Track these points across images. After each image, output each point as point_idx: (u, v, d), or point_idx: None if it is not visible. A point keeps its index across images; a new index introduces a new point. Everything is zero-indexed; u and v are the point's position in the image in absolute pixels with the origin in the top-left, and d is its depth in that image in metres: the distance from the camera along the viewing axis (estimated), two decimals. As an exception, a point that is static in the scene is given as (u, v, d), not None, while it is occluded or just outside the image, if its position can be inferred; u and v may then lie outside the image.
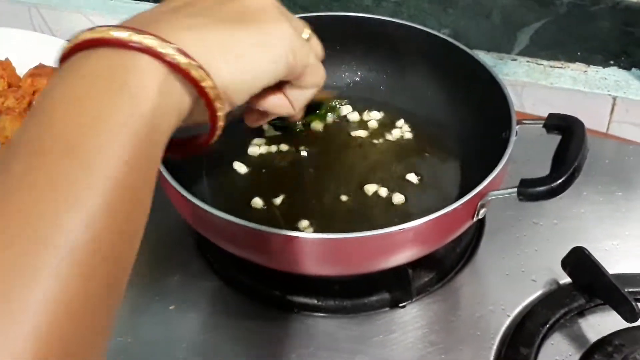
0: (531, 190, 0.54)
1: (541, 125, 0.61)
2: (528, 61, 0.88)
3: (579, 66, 0.86)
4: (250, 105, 0.46)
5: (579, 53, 0.88)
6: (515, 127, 0.60)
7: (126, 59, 0.33)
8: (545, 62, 0.87)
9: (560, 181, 0.54)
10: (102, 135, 0.30)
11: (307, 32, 0.47)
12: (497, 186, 0.58)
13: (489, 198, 0.56)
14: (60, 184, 0.28)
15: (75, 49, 0.34)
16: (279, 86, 0.45)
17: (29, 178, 0.28)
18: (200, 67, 0.35)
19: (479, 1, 0.97)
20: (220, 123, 0.39)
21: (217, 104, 0.37)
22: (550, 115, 0.61)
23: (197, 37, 0.36)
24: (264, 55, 0.39)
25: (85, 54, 0.33)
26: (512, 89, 0.86)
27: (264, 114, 0.49)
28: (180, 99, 0.35)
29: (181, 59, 0.34)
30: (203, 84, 0.35)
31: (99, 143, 0.29)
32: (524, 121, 0.62)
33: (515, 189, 0.54)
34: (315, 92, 0.48)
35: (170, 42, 0.34)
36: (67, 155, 0.29)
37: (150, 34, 0.33)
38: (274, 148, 0.70)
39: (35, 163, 0.28)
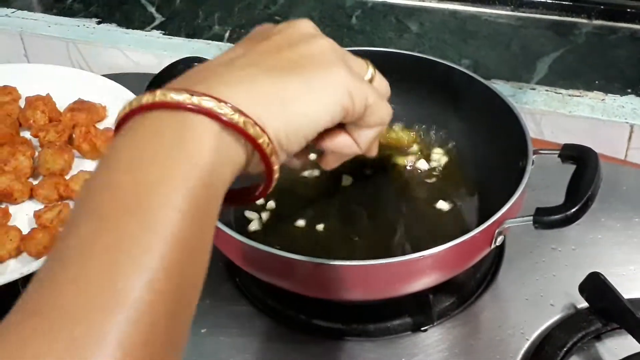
0: (546, 219, 0.56)
1: (556, 155, 0.63)
2: (547, 90, 0.90)
3: (597, 95, 0.88)
4: (317, 148, 0.45)
5: (596, 82, 0.90)
6: (532, 157, 0.63)
7: (185, 120, 0.34)
8: (563, 91, 0.89)
9: (574, 210, 0.56)
10: (161, 196, 0.31)
11: (370, 71, 0.46)
12: (514, 214, 0.60)
13: (506, 225, 0.58)
14: (123, 246, 0.29)
15: (136, 112, 0.35)
16: (342, 126, 0.44)
17: (95, 242, 0.29)
18: (256, 123, 0.36)
19: (498, 32, 1.01)
20: (276, 175, 0.39)
21: (273, 158, 0.37)
22: (565, 146, 0.63)
23: (249, 90, 0.36)
24: (316, 102, 0.39)
25: (145, 116, 0.34)
26: (531, 118, 0.89)
27: (337, 155, 0.48)
28: (236, 154, 0.36)
29: (238, 118, 0.35)
30: (259, 140, 0.36)
31: (158, 203, 0.31)
32: (540, 151, 0.64)
33: (531, 217, 0.57)
34: (382, 129, 0.46)
35: (226, 102, 0.35)
36: (128, 218, 0.30)
37: (207, 95, 0.34)
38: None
39: (100, 226, 0.30)
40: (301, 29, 0.42)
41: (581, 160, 0.60)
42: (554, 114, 0.88)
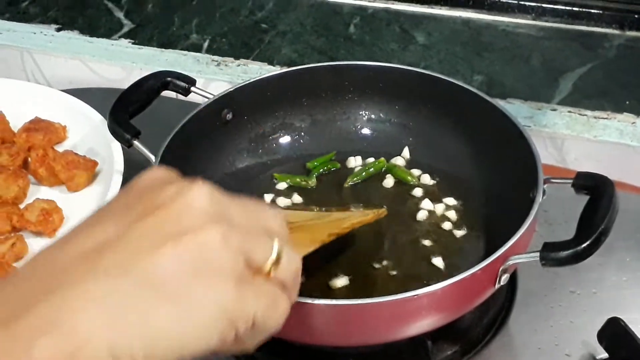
0: (554, 255, 0.61)
1: (570, 185, 0.69)
2: (570, 111, 0.96)
3: (627, 117, 0.94)
4: None
5: (627, 102, 0.96)
6: (542, 186, 0.68)
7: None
8: (589, 112, 0.95)
9: (585, 245, 0.61)
10: None
11: (275, 251, 0.45)
12: (522, 250, 0.65)
13: (511, 262, 0.63)
14: None
15: None
16: None
17: None
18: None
19: (516, 44, 1.07)
20: None
21: None
22: (579, 174, 0.68)
23: (109, 315, 0.37)
24: (184, 331, 0.39)
25: None
26: (551, 142, 0.95)
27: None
28: None
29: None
30: None
31: None
32: (552, 180, 0.70)
33: (538, 254, 0.62)
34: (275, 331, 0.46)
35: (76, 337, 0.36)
36: None
37: (48, 332, 0.36)
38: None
39: None
40: (194, 209, 0.41)
41: (596, 190, 0.66)
42: (577, 139, 0.94)
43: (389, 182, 0.84)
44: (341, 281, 0.71)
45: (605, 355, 0.69)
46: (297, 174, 0.86)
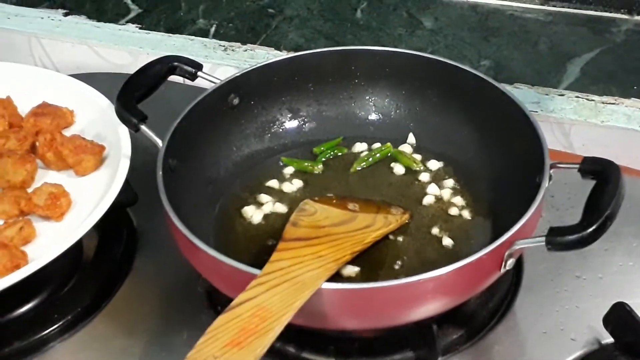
0: (560, 239, 0.62)
1: (576, 170, 0.69)
2: (577, 96, 0.96)
3: (635, 102, 0.94)
4: None
5: (635, 87, 0.96)
6: (548, 171, 0.68)
7: None
8: (596, 98, 0.95)
9: (591, 230, 0.61)
10: None
11: None
12: (528, 234, 0.66)
13: (517, 247, 0.64)
14: None
15: None
16: None
17: None
18: None
19: (524, 29, 1.07)
20: None
21: None
22: (586, 159, 0.69)
23: None
24: None
25: None
26: (558, 128, 0.95)
27: None
28: None
29: None
30: None
31: None
32: (559, 164, 0.70)
33: (544, 238, 0.62)
34: None
35: None
36: None
37: None
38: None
39: None
40: None
41: (602, 175, 0.66)
42: (584, 124, 0.94)
43: (395, 167, 0.84)
44: (351, 269, 0.71)
45: (611, 339, 0.70)
46: (303, 159, 0.86)
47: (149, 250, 0.83)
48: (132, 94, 0.80)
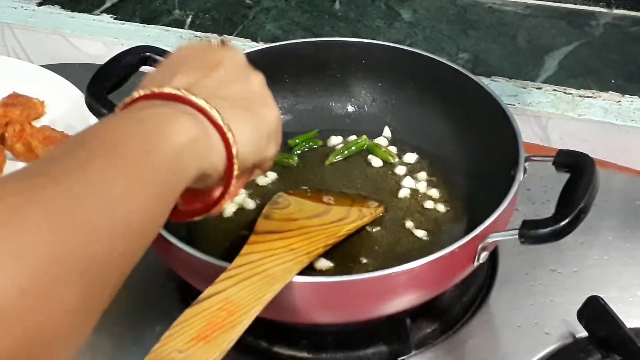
0: (533, 232, 0.61)
1: (551, 163, 0.68)
2: (555, 89, 0.95)
3: (612, 96, 0.94)
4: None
5: (612, 80, 0.96)
6: (523, 164, 0.68)
7: (177, 108, 0.48)
8: (574, 91, 0.95)
9: (564, 223, 0.61)
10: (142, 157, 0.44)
11: None
12: (501, 228, 0.65)
13: (490, 240, 0.63)
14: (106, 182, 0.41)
15: (141, 98, 0.49)
16: None
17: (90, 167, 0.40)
18: (231, 130, 0.50)
19: (503, 21, 1.07)
20: (232, 189, 0.52)
21: (236, 164, 0.51)
22: (560, 152, 0.68)
23: (229, 108, 0.50)
24: (269, 138, 0.55)
25: (146, 103, 0.49)
26: (536, 121, 0.95)
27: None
28: (206, 150, 0.49)
29: (220, 120, 0.49)
30: (232, 146, 0.50)
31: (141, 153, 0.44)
32: (533, 157, 0.70)
33: (516, 231, 0.62)
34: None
35: (212, 105, 0.49)
36: (113, 161, 0.42)
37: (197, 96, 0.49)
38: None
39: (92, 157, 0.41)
40: (240, 63, 0.57)
41: (576, 168, 0.65)
42: (562, 117, 0.94)
43: (371, 160, 0.83)
44: (325, 262, 0.71)
45: (585, 333, 0.69)
46: (278, 151, 0.85)
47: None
48: (102, 85, 0.79)
